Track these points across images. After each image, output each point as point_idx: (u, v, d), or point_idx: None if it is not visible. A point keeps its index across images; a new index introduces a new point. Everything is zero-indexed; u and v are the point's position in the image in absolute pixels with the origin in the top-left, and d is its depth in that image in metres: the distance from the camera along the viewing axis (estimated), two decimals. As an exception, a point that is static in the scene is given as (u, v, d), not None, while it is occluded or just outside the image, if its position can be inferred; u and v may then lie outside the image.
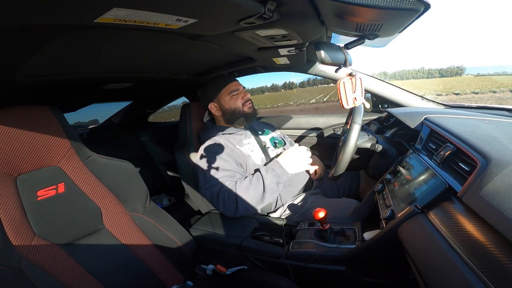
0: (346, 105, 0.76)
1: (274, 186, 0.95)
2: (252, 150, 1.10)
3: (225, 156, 1.02)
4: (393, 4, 0.48)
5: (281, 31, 0.71)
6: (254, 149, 1.11)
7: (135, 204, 0.85)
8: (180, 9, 0.48)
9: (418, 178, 0.68)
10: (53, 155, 0.73)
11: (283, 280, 0.72)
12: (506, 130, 0.71)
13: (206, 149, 1.06)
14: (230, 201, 0.95)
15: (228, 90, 1.13)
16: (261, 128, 1.27)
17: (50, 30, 0.49)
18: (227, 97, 1.13)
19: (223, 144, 1.05)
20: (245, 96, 1.15)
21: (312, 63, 1.33)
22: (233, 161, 1.03)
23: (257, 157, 1.09)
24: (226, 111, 1.14)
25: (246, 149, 1.09)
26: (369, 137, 0.95)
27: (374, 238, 0.67)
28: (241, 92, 1.15)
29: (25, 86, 0.80)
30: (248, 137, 1.15)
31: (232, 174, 1.00)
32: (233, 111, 1.13)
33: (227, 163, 1.01)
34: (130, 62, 0.89)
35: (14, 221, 0.64)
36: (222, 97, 1.13)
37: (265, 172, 0.96)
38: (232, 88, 1.13)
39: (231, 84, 1.14)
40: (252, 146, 1.12)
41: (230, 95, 1.12)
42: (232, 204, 0.95)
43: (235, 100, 1.13)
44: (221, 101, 1.14)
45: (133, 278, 0.78)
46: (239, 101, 1.13)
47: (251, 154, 1.09)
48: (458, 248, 0.42)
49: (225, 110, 1.14)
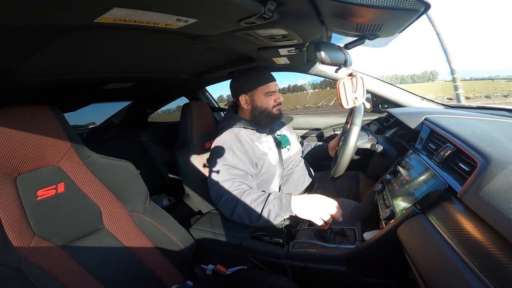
0: (346, 105, 0.76)
1: (272, 215, 0.89)
2: (270, 148, 1.10)
3: (240, 154, 1.00)
4: (393, 4, 0.48)
5: (281, 31, 0.71)
6: (271, 147, 1.11)
7: (135, 204, 0.85)
8: (180, 9, 0.48)
9: (418, 178, 0.68)
10: (53, 155, 0.73)
11: (282, 280, 0.72)
12: (506, 130, 0.71)
13: (223, 141, 1.03)
14: (230, 205, 0.94)
15: (266, 89, 1.09)
16: (277, 127, 1.26)
17: (50, 30, 0.49)
18: (262, 96, 1.09)
19: (242, 139, 1.03)
20: (279, 98, 1.11)
21: (312, 63, 1.33)
22: (248, 160, 1.01)
23: (273, 157, 1.09)
24: (257, 108, 1.10)
25: (264, 146, 1.08)
26: (369, 137, 0.95)
27: (374, 238, 0.67)
28: (276, 94, 1.12)
29: (25, 86, 0.80)
30: (266, 136, 1.14)
31: (244, 176, 0.98)
32: (263, 110, 1.10)
33: (242, 163, 0.99)
34: (130, 62, 0.89)
35: (13, 221, 0.64)
36: (257, 93, 1.09)
37: (272, 198, 0.91)
38: (271, 89, 1.10)
39: (270, 84, 1.10)
40: (270, 144, 1.11)
41: (266, 95, 1.09)
42: (231, 209, 0.94)
43: (269, 100, 1.10)
44: (255, 97, 1.10)
45: (133, 278, 0.78)
46: (271, 102, 1.10)
47: (268, 152, 1.07)
48: (458, 248, 0.42)
49: (256, 107, 1.10)
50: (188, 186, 1.18)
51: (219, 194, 0.96)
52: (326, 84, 28.30)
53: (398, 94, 1.32)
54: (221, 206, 0.96)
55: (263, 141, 1.10)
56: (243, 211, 0.91)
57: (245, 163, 1.00)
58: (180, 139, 1.23)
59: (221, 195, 0.95)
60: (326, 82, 25.79)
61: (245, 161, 1.00)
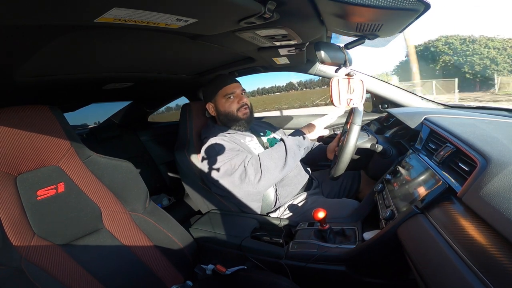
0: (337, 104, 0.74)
1: (295, 149, 0.98)
2: (255, 148, 1.10)
3: (232, 144, 1.03)
4: (393, 4, 0.48)
5: (281, 31, 0.71)
6: (257, 147, 1.11)
7: (135, 204, 0.85)
8: (180, 9, 0.48)
9: (418, 178, 0.68)
10: (53, 155, 0.73)
11: (282, 280, 0.72)
12: (506, 130, 0.71)
13: (210, 145, 1.05)
14: (252, 170, 0.94)
15: (224, 92, 1.11)
16: (262, 129, 1.27)
17: (50, 30, 0.49)
18: (222, 100, 1.11)
19: (227, 139, 1.04)
20: (241, 100, 1.11)
21: (312, 63, 1.33)
22: (241, 147, 1.04)
23: None
24: (220, 113, 1.12)
25: (250, 145, 1.09)
26: (369, 137, 0.95)
27: (374, 238, 0.67)
28: (237, 96, 1.11)
29: (25, 86, 0.80)
30: (249, 137, 1.14)
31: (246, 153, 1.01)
32: (227, 114, 1.11)
33: (237, 146, 1.03)
34: (130, 62, 0.89)
35: (13, 221, 0.64)
36: (218, 99, 1.12)
37: (285, 137, 1.00)
38: (227, 91, 1.10)
39: (228, 86, 1.11)
40: (255, 144, 1.12)
41: (226, 98, 1.10)
42: (255, 173, 0.94)
43: (230, 103, 1.10)
44: (217, 103, 1.12)
45: (133, 278, 0.78)
46: (234, 105, 1.10)
47: (254, 152, 1.08)
48: (458, 248, 0.42)
49: (220, 112, 1.13)
50: (187, 186, 1.17)
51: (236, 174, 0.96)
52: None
53: (398, 94, 1.32)
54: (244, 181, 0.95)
55: (248, 141, 1.11)
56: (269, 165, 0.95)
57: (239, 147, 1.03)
58: (179, 139, 1.23)
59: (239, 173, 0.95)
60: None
61: (238, 147, 1.03)
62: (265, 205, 1.07)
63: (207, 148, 1.05)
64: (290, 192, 1.11)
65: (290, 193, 1.11)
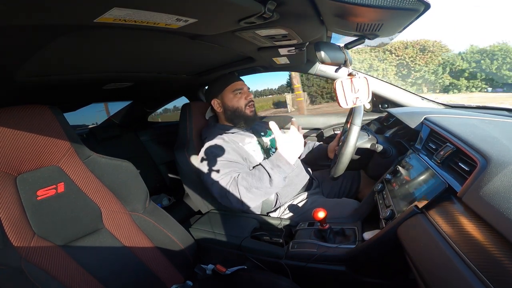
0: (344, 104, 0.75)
1: (281, 181, 0.94)
2: (254, 150, 1.10)
3: (230, 150, 1.03)
4: (393, 4, 0.48)
5: (281, 31, 0.71)
6: (256, 149, 1.11)
7: (135, 204, 0.85)
8: (180, 9, 0.48)
9: (418, 178, 0.68)
10: (53, 155, 0.73)
11: (282, 280, 0.72)
12: (506, 130, 0.71)
13: (209, 147, 1.06)
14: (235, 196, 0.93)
15: (232, 88, 1.14)
16: (263, 129, 1.27)
17: (50, 30, 0.49)
18: (230, 95, 1.14)
19: (227, 141, 1.05)
20: (248, 96, 1.15)
21: (312, 63, 1.33)
22: (238, 155, 1.04)
23: (259, 158, 1.09)
24: (228, 108, 1.14)
25: (248, 148, 1.09)
26: (369, 137, 0.95)
27: (374, 238, 0.67)
28: (245, 92, 1.15)
29: (25, 86, 0.80)
30: (250, 137, 1.14)
31: (240, 166, 1.01)
32: (235, 110, 1.13)
33: (233, 156, 1.02)
34: (130, 62, 0.89)
35: (13, 221, 0.64)
36: (225, 94, 1.14)
37: (271, 170, 0.93)
38: (237, 87, 1.14)
39: (236, 83, 1.15)
40: (254, 146, 1.12)
41: (234, 93, 1.13)
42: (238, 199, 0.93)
43: (238, 99, 1.13)
44: (224, 99, 1.14)
45: (133, 278, 0.78)
46: (242, 101, 1.14)
47: (253, 153, 1.08)
48: (458, 248, 0.42)
49: (227, 107, 1.14)
50: (187, 186, 1.18)
51: (223, 190, 0.96)
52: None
53: (398, 94, 1.32)
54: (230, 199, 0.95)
55: (246, 143, 1.11)
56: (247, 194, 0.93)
57: (237, 156, 1.03)
58: (179, 139, 1.23)
59: (226, 190, 0.95)
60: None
61: (236, 155, 1.03)
62: (265, 205, 1.07)
63: (207, 149, 1.05)
64: (290, 192, 1.11)
65: (291, 193, 1.11)
